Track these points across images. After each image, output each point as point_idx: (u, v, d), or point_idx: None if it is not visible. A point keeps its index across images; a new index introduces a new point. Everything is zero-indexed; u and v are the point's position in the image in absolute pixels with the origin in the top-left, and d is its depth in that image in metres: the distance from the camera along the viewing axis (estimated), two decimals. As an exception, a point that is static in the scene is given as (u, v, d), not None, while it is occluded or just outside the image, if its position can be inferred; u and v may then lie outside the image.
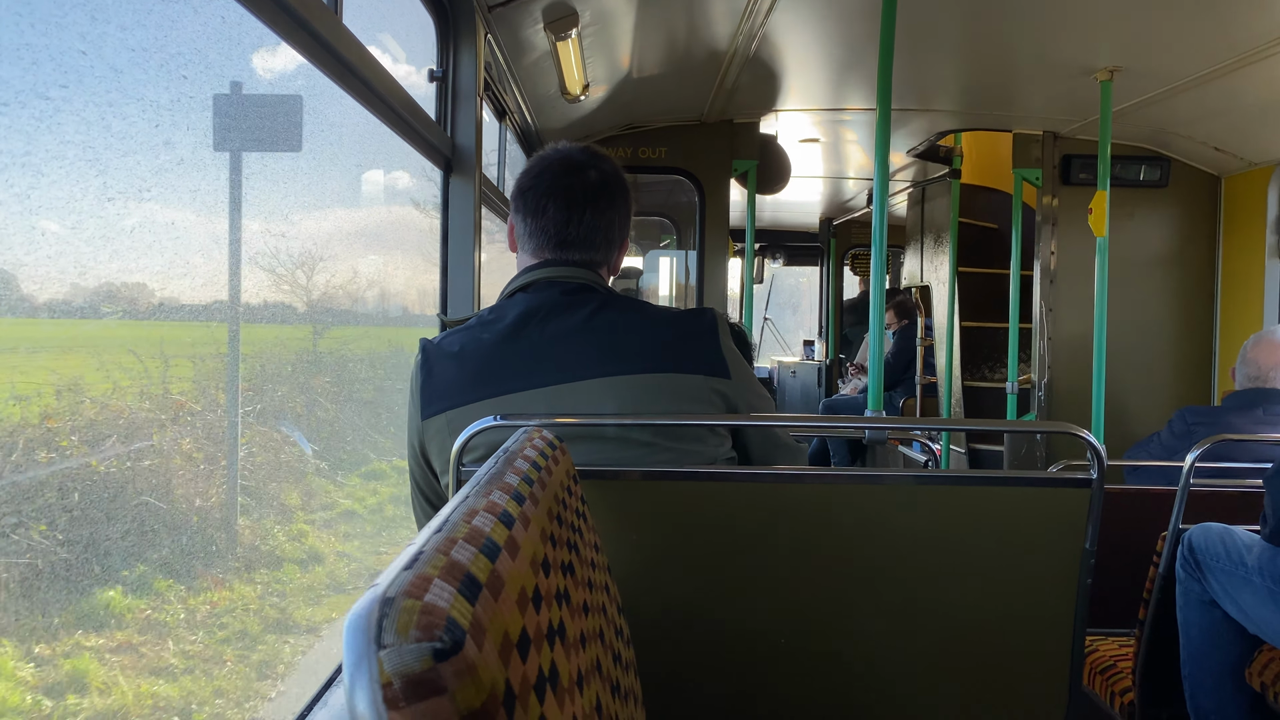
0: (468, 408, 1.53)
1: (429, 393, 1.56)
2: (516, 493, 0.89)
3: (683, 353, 1.56)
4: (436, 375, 1.57)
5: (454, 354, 1.57)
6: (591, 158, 1.65)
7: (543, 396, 1.51)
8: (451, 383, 1.55)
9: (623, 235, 1.70)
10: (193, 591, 1.90)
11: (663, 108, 4.58)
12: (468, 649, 0.53)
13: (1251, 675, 2.17)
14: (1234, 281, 4.76)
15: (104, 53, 1.37)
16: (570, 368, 1.53)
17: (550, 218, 1.62)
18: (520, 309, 1.58)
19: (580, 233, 1.62)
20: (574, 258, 1.63)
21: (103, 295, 1.53)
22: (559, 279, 1.61)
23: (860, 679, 1.57)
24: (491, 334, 1.56)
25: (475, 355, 1.55)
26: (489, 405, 1.51)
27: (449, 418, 1.54)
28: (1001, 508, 1.53)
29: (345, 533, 2.79)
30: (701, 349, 1.57)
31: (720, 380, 1.56)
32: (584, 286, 1.61)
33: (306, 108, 2.10)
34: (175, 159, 1.68)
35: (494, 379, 1.53)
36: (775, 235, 8.85)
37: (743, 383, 1.60)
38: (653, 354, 1.54)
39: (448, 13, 2.58)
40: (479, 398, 1.53)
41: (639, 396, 1.52)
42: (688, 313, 1.63)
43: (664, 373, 1.53)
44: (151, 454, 1.74)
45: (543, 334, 1.55)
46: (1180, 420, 3.09)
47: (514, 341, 1.55)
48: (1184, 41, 3.29)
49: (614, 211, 1.65)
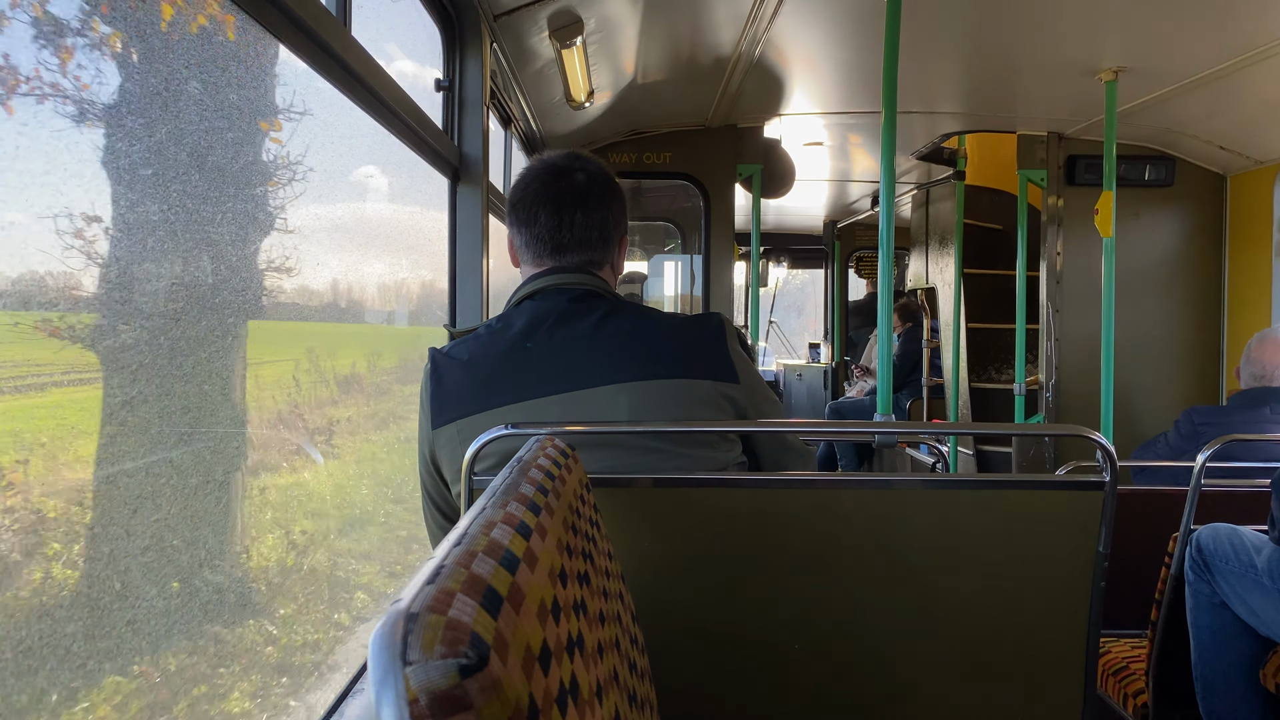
0: (478, 417, 1.53)
1: (439, 402, 1.57)
2: (532, 503, 0.89)
3: (691, 358, 1.56)
4: (446, 384, 1.57)
5: (463, 362, 1.57)
6: (575, 160, 1.68)
7: (553, 404, 1.52)
8: (462, 392, 1.55)
9: (619, 233, 1.72)
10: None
11: (667, 113, 4.59)
12: (493, 664, 0.53)
13: (1265, 677, 2.16)
14: (1241, 280, 4.75)
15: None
16: (580, 375, 1.53)
17: (543, 224, 1.64)
18: (528, 317, 1.59)
19: (574, 235, 1.64)
20: (573, 261, 1.65)
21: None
22: (565, 286, 1.62)
23: (874, 683, 1.57)
24: (500, 343, 1.57)
25: (485, 364, 1.56)
26: (499, 414, 1.52)
27: (459, 427, 1.54)
28: (1013, 511, 1.53)
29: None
30: (709, 354, 1.58)
31: (729, 385, 1.57)
32: (590, 292, 1.62)
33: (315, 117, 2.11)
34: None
35: (504, 387, 1.54)
36: (780, 239, 8.85)
37: (750, 387, 1.61)
38: (661, 360, 1.55)
39: (454, 22, 2.59)
40: (489, 406, 1.53)
41: (649, 403, 1.53)
42: (694, 318, 1.64)
43: (673, 379, 1.54)
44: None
45: (551, 341, 1.56)
46: (1187, 421, 3.08)
47: (523, 350, 1.56)
48: (1189, 41, 3.29)
49: (604, 210, 1.67)
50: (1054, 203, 4.78)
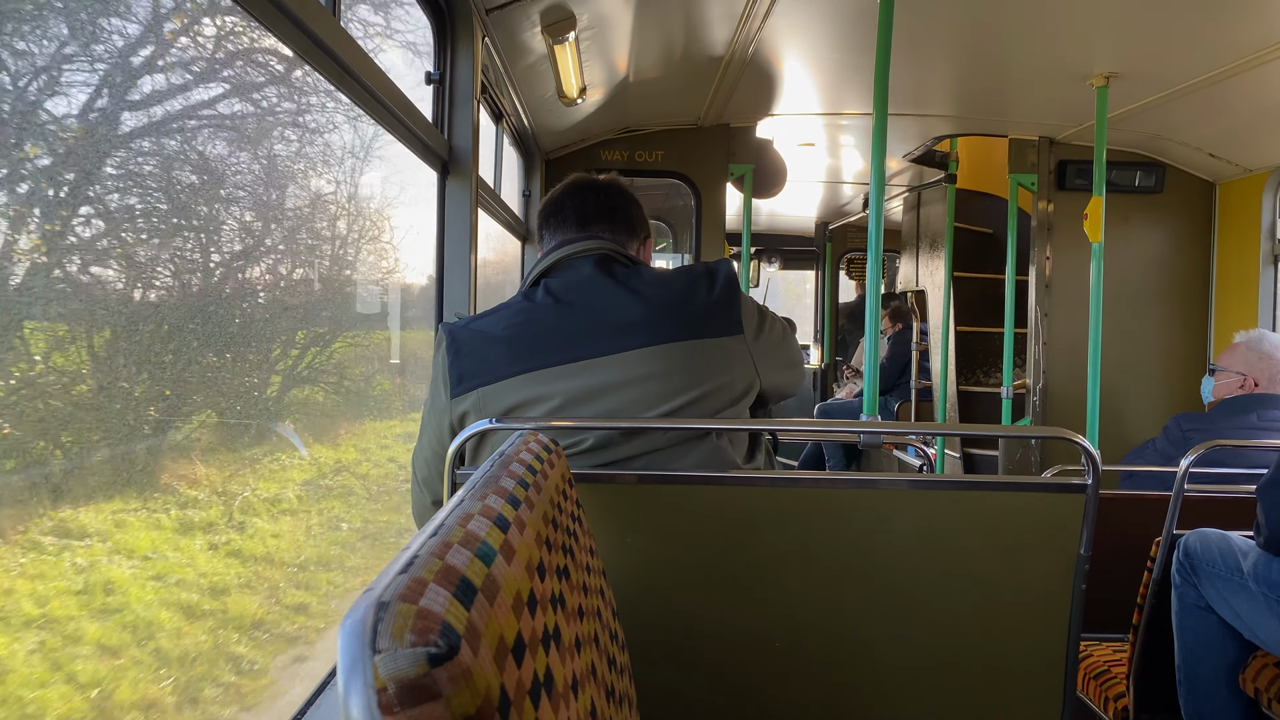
0: (503, 384, 1.55)
1: (458, 371, 1.58)
2: (512, 496, 0.88)
3: (709, 317, 1.60)
4: (466, 354, 1.58)
5: (483, 332, 1.59)
6: (598, 176, 1.82)
7: (577, 371, 1.54)
8: (485, 358, 1.57)
9: (642, 227, 1.80)
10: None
11: (659, 111, 4.58)
12: (463, 654, 0.53)
13: (1245, 681, 2.17)
14: (1228, 287, 4.77)
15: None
16: (606, 340, 1.55)
17: (569, 209, 1.75)
18: (558, 281, 1.63)
19: (598, 210, 1.74)
20: (596, 232, 1.72)
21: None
22: (586, 252, 1.67)
23: (853, 683, 1.57)
24: (524, 314, 1.59)
25: (508, 333, 1.58)
26: (526, 380, 1.54)
27: (481, 394, 1.56)
28: (997, 512, 1.53)
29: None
30: (722, 311, 1.62)
31: (739, 339, 1.62)
32: (607, 256, 1.67)
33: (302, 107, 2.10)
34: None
35: (530, 354, 1.56)
36: (771, 239, 8.85)
37: (756, 331, 1.65)
38: (679, 322, 1.58)
39: (445, 15, 2.58)
40: (514, 373, 1.55)
41: (672, 364, 1.55)
42: (703, 274, 1.66)
43: (694, 339, 1.58)
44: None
45: (574, 309, 1.58)
46: (1175, 427, 3.09)
47: (548, 318, 1.58)
48: (1180, 47, 3.30)
49: (624, 200, 1.78)
50: (1044, 207, 4.80)
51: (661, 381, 1.54)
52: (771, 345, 1.67)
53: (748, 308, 1.65)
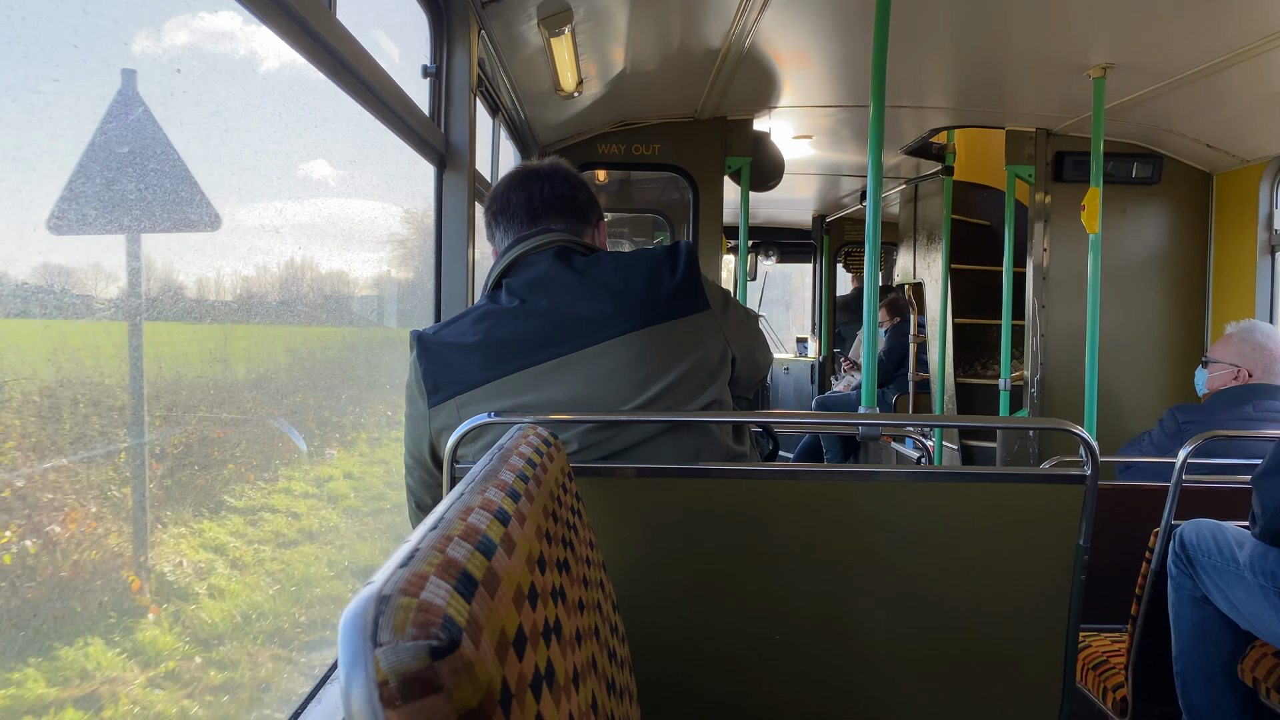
0: (479, 390, 1.52)
1: (432, 380, 1.55)
2: (512, 489, 0.88)
3: (675, 297, 1.59)
4: (438, 362, 1.55)
5: (452, 342, 1.56)
6: (538, 163, 1.79)
7: (552, 370, 1.51)
8: (457, 368, 1.54)
9: (593, 211, 1.77)
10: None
11: (656, 104, 4.58)
12: (464, 647, 0.53)
13: (1243, 671, 2.17)
14: (1225, 278, 4.77)
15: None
16: (577, 335, 1.53)
17: (516, 204, 1.72)
18: (519, 280, 1.60)
19: (545, 203, 1.71)
20: (547, 225, 1.69)
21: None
22: (542, 246, 1.64)
23: (853, 674, 1.57)
24: (494, 316, 1.56)
25: (477, 340, 1.55)
26: (502, 385, 1.51)
27: (459, 403, 1.53)
28: (995, 504, 1.53)
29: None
30: (687, 289, 1.60)
31: (707, 314, 1.60)
32: (566, 248, 1.64)
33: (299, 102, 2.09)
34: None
35: (501, 359, 1.53)
36: (769, 232, 8.85)
37: (722, 306, 1.65)
38: (646, 306, 1.56)
39: (441, 8, 2.57)
40: (488, 379, 1.52)
41: (646, 350, 1.53)
42: (664, 256, 1.64)
43: (663, 322, 1.56)
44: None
45: (540, 307, 1.55)
46: (1171, 419, 3.09)
47: (515, 319, 1.55)
48: (1177, 38, 3.30)
49: (571, 187, 1.74)
50: (1041, 199, 4.80)
51: (639, 368, 1.52)
52: (739, 320, 1.67)
53: (710, 285, 1.64)
